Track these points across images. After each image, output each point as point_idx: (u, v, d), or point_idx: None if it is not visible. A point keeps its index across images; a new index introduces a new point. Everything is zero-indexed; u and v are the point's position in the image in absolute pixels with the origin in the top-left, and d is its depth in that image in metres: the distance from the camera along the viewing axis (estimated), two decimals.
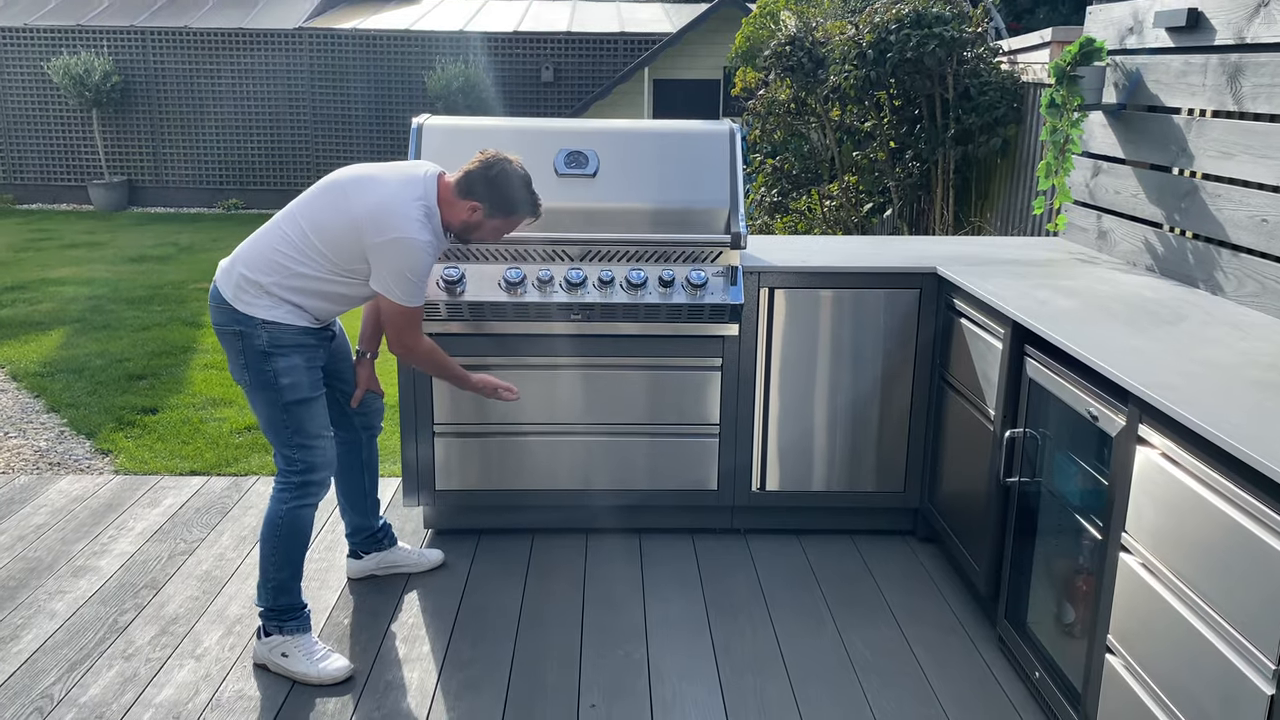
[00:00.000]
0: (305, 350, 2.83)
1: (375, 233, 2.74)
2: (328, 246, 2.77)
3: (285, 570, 2.87)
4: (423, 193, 2.81)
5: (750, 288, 3.50)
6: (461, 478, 3.59)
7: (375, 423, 3.29)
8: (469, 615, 3.22)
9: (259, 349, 2.77)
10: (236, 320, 2.77)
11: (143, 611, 3.20)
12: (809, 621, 3.21)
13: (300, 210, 2.82)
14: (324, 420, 2.89)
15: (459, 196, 2.87)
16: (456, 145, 3.48)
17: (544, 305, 3.39)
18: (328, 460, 2.88)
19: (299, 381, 2.81)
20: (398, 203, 2.75)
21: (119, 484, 4.20)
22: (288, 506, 2.84)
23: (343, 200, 2.78)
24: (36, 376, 5.89)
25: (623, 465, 3.59)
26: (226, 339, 2.81)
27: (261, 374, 2.78)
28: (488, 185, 2.85)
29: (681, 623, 3.19)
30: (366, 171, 2.86)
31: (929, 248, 3.92)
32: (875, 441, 3.64)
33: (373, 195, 2.77)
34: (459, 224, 2.90)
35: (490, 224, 2.91)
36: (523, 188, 2.89)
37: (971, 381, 3.21)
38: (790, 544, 3.72)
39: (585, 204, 3.46)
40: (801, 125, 7.16)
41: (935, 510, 3.57)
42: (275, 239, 2.80)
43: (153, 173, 13.33)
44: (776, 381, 3.58)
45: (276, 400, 2.79)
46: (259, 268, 2.77)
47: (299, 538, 2.87)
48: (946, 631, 3.16)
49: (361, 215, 2.74)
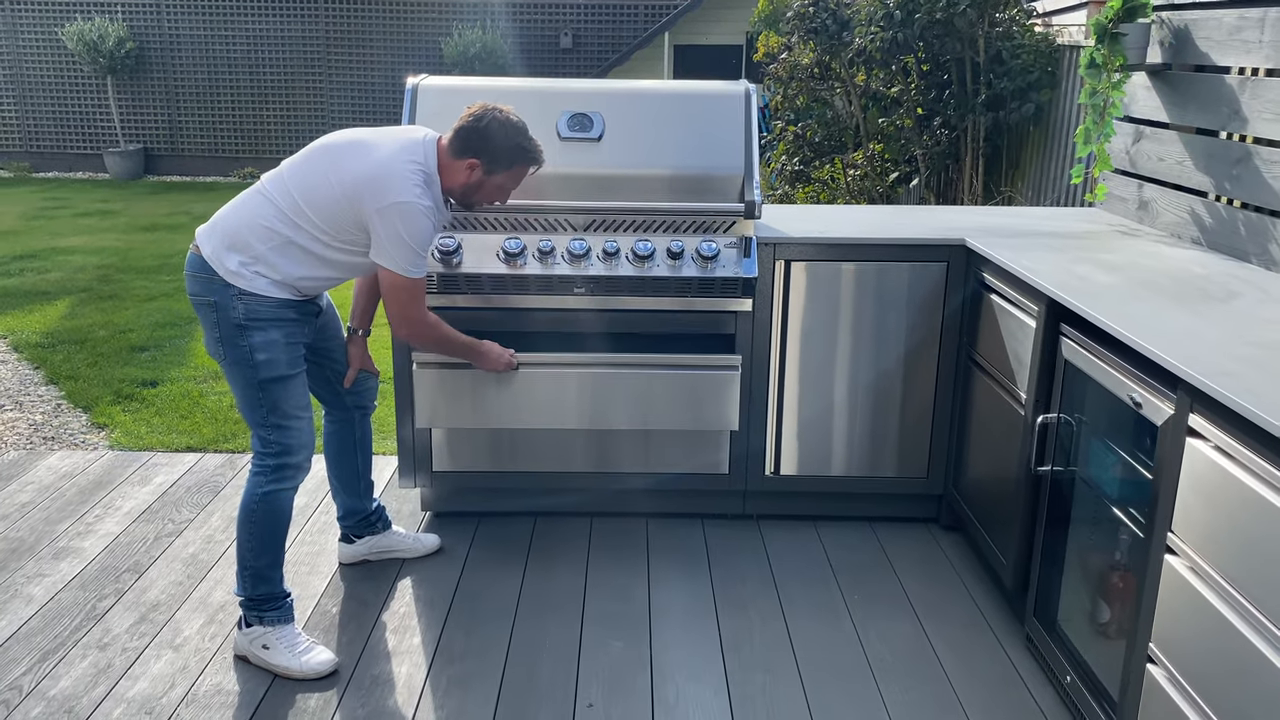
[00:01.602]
0: (284, 325, 2.65)
1: (373, 198, 2.56)
2: (320, 214, 2.59)
3: (263, 557, 2.71)
4: (421, 157, 2.63)
5: (765, 260, 3.29)
6: (460, 458, 3.42)
7: (368, 401, 3.12)
8: (464, 604, 3.05)
9: (234, 322, 2.59)
10: (212, 289, 2.60)
11: (123, 597, 3.06)
12: (824, 615, 3.02)
13: (290, 175, 2.63)
14: (302, 399, 2.71)
15: (454, 156, 2.68)
16: (455, 108, 3.27)
17: (545, 278, 3.20)
18: (304, 441, 2.70)
19: (276, 358, 2.64)
20: (396, 165, 2.58)
21: (110, 460, 4.06)
22: (264, 490, 2.68)
23: (336, 165, 2.60)
24: (38, 348, 5.77)
25: (629, 448, 3.40)
26: (202, 310, 2.63)
27: (236, 349, 2.61)
28: (481, 138, 2.66)
29: (687, 614, 3.01)
30: (360, 136, 2.68)
31: (957, 218, 3.69)
32: (897, 424, 3.43)
33: (368, 159, 2.59)
34: (459, 187, 2.72)
35: (492, 181, 2.73)
36: (519, 135, 2.70)
37: (1001, 362, 2.99)
38: (805, 531, 3.53)
39: (589, 170, 3.26)
40: (825, 91, 6.89)
41: (960, 497, 3.37)
42: (261, 205, 2.62)
43: (168, 141, 13.20)
44: (793, 360, 3.38)
45: (252, 377, 2.62)
46: (245, 234, 2.60)
47: (277, 523, 2.71)
48: (970, 628, 2.96)
49: (358, 180, 2.57)
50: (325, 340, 2.92)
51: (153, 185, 12.51)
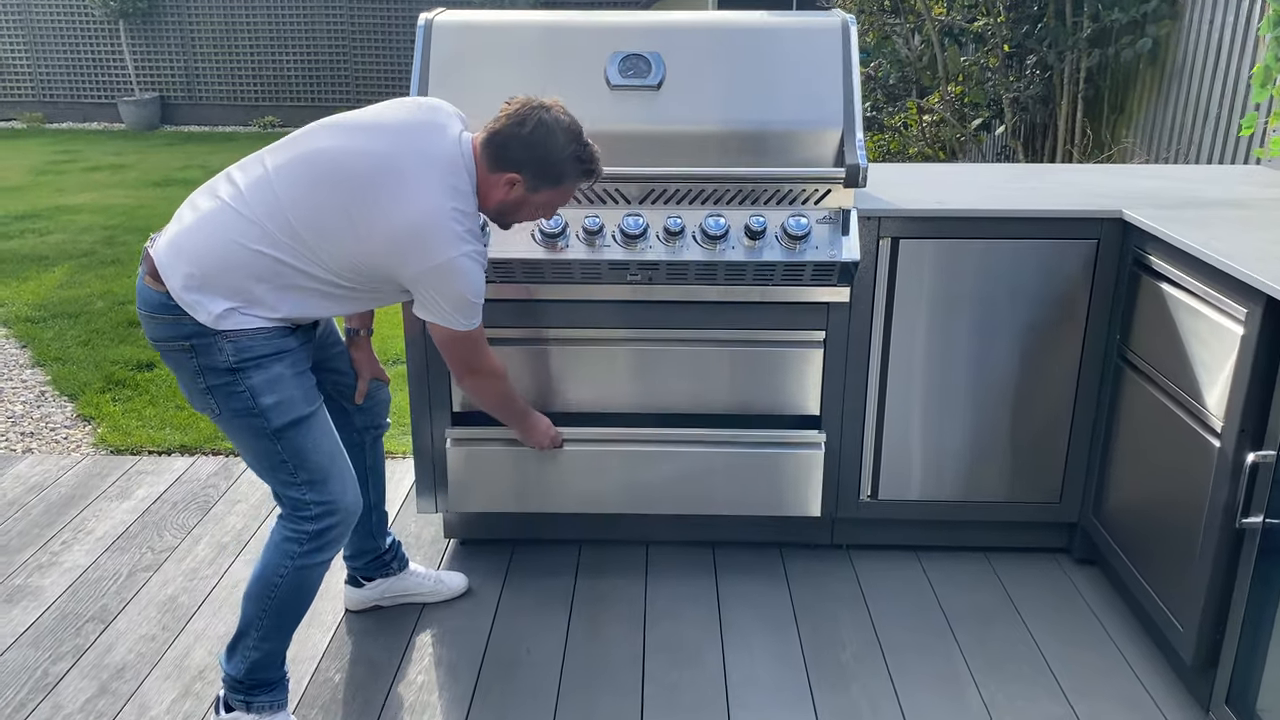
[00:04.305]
0: (286, 355, 2.03)
1: (418, 259, 1.97)
2: (338, 261, 1.98)
3: (272, 641, 2.12)
4: (465, 182, 2.04)
5: (866, 238, 2.63)
6: (482, 496, 2.80)
7: (380, 419, 2.52)
8: (495, 671, 2.47)
9: (221, 366, 1.98)
10: (184, 332, 1.97)
11: (82, 658, 2.51)
12: (945, 689, 2.41)
13: (290, 203, 1.96)
14: (333, 439, 2.11)
15: (490, 170, 2.06)
16: (474, 48, 2.62)
17: (593, 264, 2.56)
18: (349, 498, 2.11)
19: (288, 397, 2.02)
20: (442, 212, 1.98)
21: (89, 467, 3.51)
22: (296, 563, 2.08)
23: (362, 209, 1.95)
24: (28, 322, 5.23)
25: (692, 482, 2.76)
26: (174, 359, 2.01)
27: (233, 398, 2.00)
28: (524, 148, 2.03)
29: (774, 691, 2.41)
30: (380, 159, 1.98)
31: (1096, 179, 3.00)
32: (1027, 437, 2.78)
33: (405, 207, 1.95)
34: (494, 205, 2.11)
35: (535, 200, 2.11)
36: (573, 141, 2.06)
37: (1175, 369, 2.33)
38: (908, 566, 2.91)
39: (647, 126, 2.60)
40: (897, 25, 6.12)
41: (1102, 527, 2.73)
42: (246, 232, 1.96)
43: (185, 89, 12.58)
44: (900, 361, 2.73)
45: (262, 428, 2.02)
46: (232, 273, 1.96)
47: (302, 601, 2.13)
48: (1133, 712, 2.34)
49: (394, 236, 1.95)
50: (325, 350, 2.31)
51: (169, 136, 11.94)
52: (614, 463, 2.72)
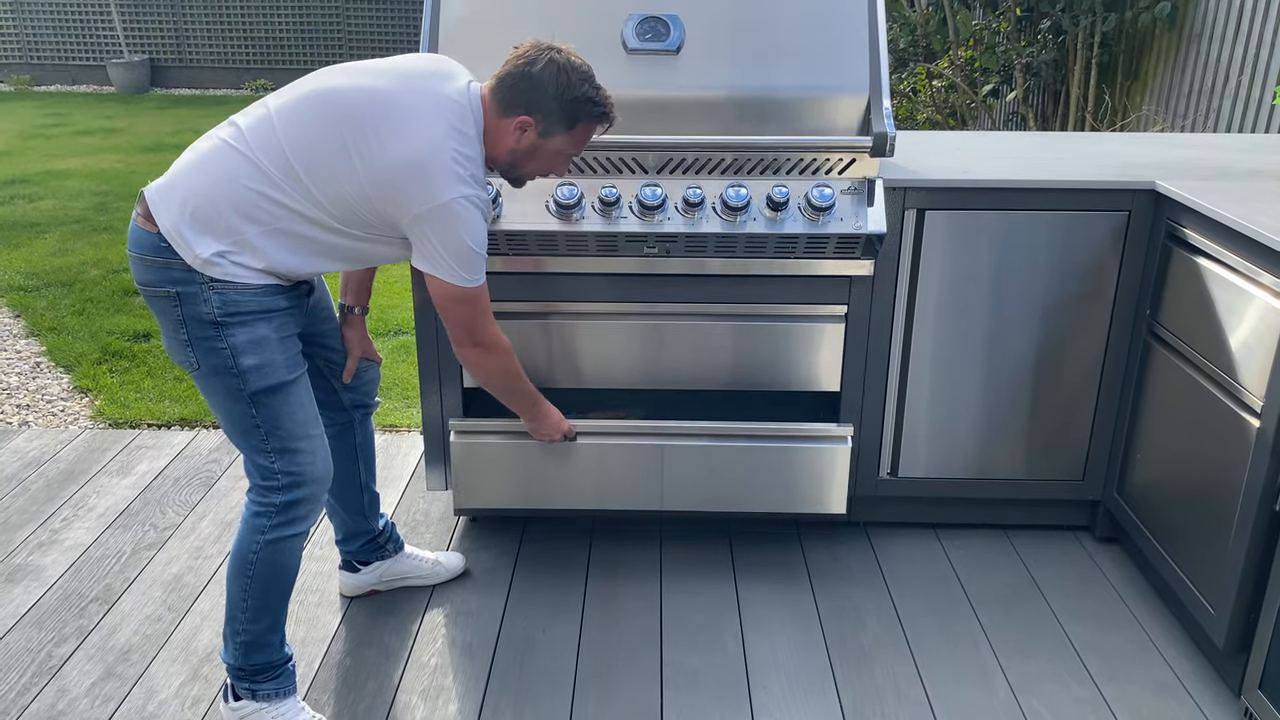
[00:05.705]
0: (273, 317, 1.96)
1: (420, 198, 1.88)
2: (333, 200, 1.90)
3: (261, 620, 2.06)
4: (471, 125, 1.95)
5: (891, 210, 2.55)
6: (489, 493, 2.72)
7: (369, 398, 2.44)
8: (510, 655, 2.42)
9: (205, 318, 1.91)
10: (170, 276, 1.90)
11: (86, 639, 2.45)
12: (969, 673, 2.36)
13: (287, 139, 1.89)
14: (309, 410, 2.04)
15: (500, 114, 1.98)
16: (486, 9, 2.52)
17: (609, 236, 2.48)
18: (319, 468, 2.04)
19: (269, 360, 1.95)
20: (444, 150, 1.89)
21: (88, 441, 3.43)
22: (266, 537, 2.02)
23: (359, 143, 1.87)
24: (20, 291, 5.13)
25: (709, 479, 2.67)
26: (158, 304, 1.94)
27: (213, 354, 1.93)
28: (534, 87, 1.95)
29: (796, 676, 2.36)
30: (381, 93, 1.91)
31: (1125, 148, 2.91)
32: (1051, 413, 2.72)
33: (406, 142, 1.87)
34: (504, 154, 2.02)
35: (549, 145, 2.02)
36: (585, 82, 1.97)
37: (1211, 346, 2.26)
38: (927, 543, 2.86)
39: (665, 92, 2.51)
40: None
41: (1126, 506, 2.67)
42: (242, 170, 1.88)
43: (175, 50, 12.35)
44: (924, 336, 2.66)
45: (239, 389, 1.95)
46: (225, 212, 1.88)
47: (282, 579, 2.06)
48: (1163, 695, 2.29)
49: (393, 172, 1.87)
50: (317, 324, 2.23)
51: (159, 99, 11.74)
52: (626, 458, 2.64)
